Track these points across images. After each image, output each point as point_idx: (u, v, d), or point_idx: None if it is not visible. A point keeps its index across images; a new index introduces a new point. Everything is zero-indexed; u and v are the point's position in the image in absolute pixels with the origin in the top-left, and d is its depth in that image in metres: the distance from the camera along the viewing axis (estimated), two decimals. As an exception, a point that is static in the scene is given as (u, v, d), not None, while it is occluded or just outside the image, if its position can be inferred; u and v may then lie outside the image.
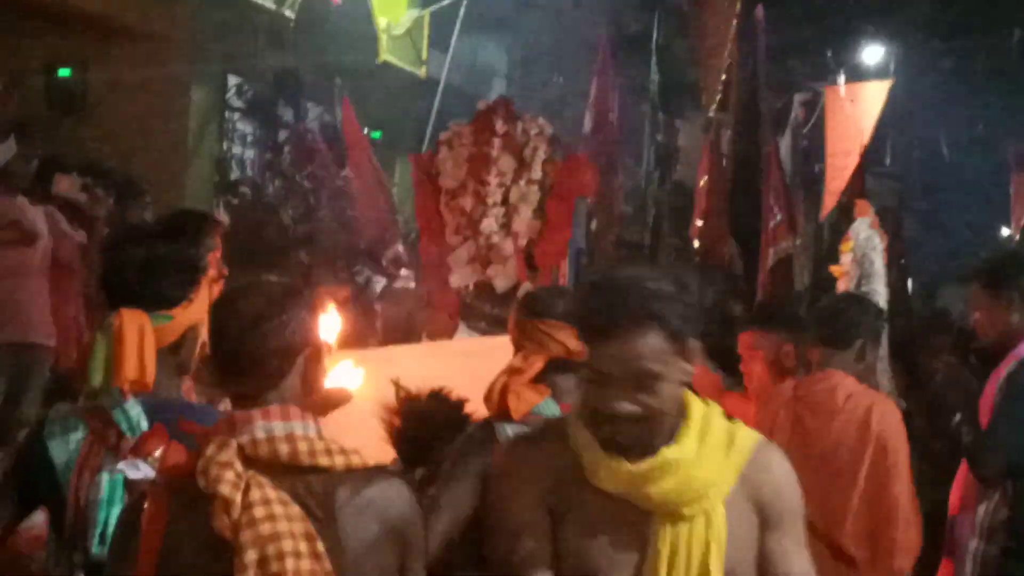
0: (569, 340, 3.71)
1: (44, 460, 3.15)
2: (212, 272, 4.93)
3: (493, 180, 6.93)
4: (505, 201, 6.94)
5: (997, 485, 4.61)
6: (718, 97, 11.71)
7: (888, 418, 4.71)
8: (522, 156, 6.96)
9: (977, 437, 4.61)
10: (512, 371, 3.75)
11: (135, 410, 3.16)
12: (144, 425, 3.12)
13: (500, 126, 6.96)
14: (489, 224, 6.90)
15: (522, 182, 6.94)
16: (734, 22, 11.36)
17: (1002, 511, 4.58)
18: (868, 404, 4.75)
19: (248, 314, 2.70)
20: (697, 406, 2.94)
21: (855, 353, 4.92)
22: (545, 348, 3.76)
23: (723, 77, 11.55)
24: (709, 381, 5.59)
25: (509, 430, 3.65)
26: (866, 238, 7.39)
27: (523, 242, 6.88)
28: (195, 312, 3.60)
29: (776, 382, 5.20)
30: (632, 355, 2.81)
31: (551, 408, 3.75)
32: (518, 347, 3.84)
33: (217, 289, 4.73)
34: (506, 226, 6.90)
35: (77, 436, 3.17)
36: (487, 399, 3.72)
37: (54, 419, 3.21)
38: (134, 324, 3.50)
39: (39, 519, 3.34)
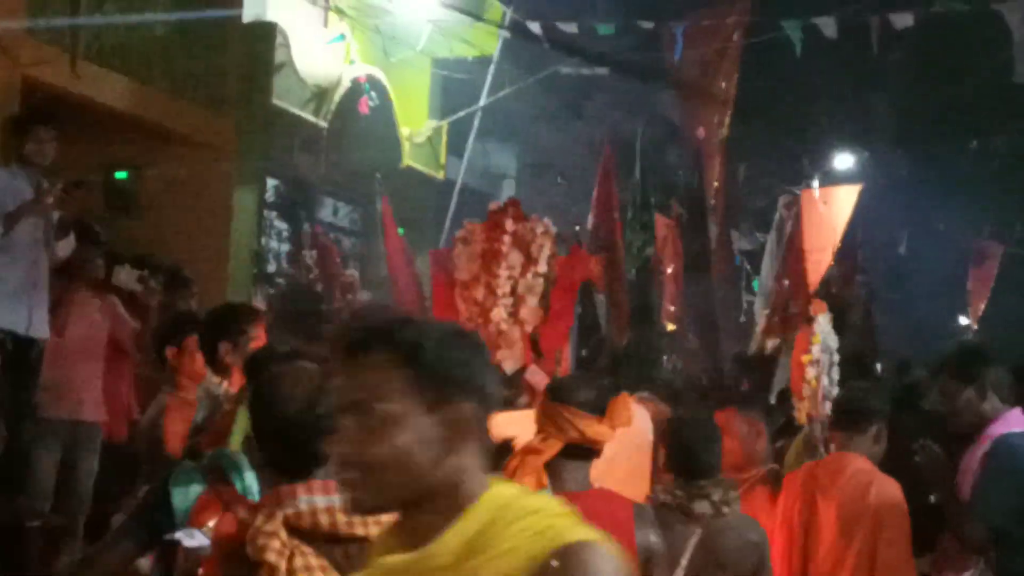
0: (588, 427, 3.73)
1: (166, 505, 3.17)
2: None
3: (503, 273, 7.00)
4: (513, 292, 7.01)
5: (984, 551, 4.65)
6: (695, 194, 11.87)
7: (886, 493, 4.77)
8: (529, 252, 7.04)
9: (961, 510, 4.66)
10: (530, 450, 3.76)
11: (249, 474, 3.19)
12: (255, 488, 3.11)
13: (510, 225, 7.05)
14: (499, 313, 6.96)
15: (529, 275, 7.01)
16: (718, 128, 11.52)
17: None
18: (868, 481, 4.81)
19: (299, 397, 2.76)
20: (494, 495, 2.02)
21: (871, 437, 5.00)
22: (563, 432, 3.78)
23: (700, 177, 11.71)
24: None
25: None
26: (827, 332, 7.50)
27: (529, 329, 6.94)
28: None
29: (747, 462, 5.23)
30: (353, 382, 2.05)
31: None
32: (540, 429, 3.86)
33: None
34: (514, 315, 6.96)
35: (197, 489, 3.17)
36: (503, 472, 3.73)
37: (179, 472, 3.23)
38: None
39: (144, 562, 3.37)
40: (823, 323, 8.31)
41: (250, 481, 3.12)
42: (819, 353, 7.99)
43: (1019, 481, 4.62)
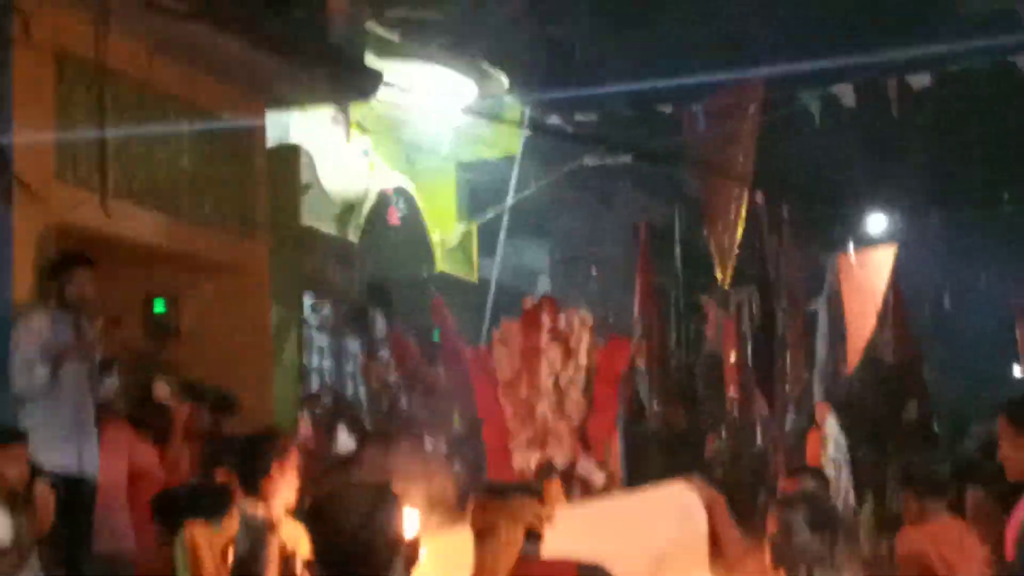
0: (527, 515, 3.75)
1: None
2: (292, 482, 5.05)
3: (544, 369, 7.03)
4: (556, 386, 7.02)
5: None
6: (730, 273, 11.83)
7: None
8: (568, 345, 7.07)
9: (1005, 568, 4.52)
10: (503, 545, 3.72)
11: None
12: None
13: (547, 321, 7.09)
14: (543, 409, 6.98)
15: (570, 368, 7.04)
16: (742, 205, 11.55)
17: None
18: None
19: (357, 514, 2.77)
20: None
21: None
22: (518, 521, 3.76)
23: (735, 254, 11.69)
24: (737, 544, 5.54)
25: None
26: (836, 432, 7.64)
27: (576, 422, 6.94)
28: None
29: None
30: None
31: None
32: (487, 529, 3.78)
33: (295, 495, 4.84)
34: (558, 409, 6.97)
35: None
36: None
37: None
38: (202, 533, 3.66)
39: None
40: (831, 424, 8.46)
41: None
42: (834, 453, 8.12)
43: None
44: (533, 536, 3.85)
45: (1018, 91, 11.92)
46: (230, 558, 4.52)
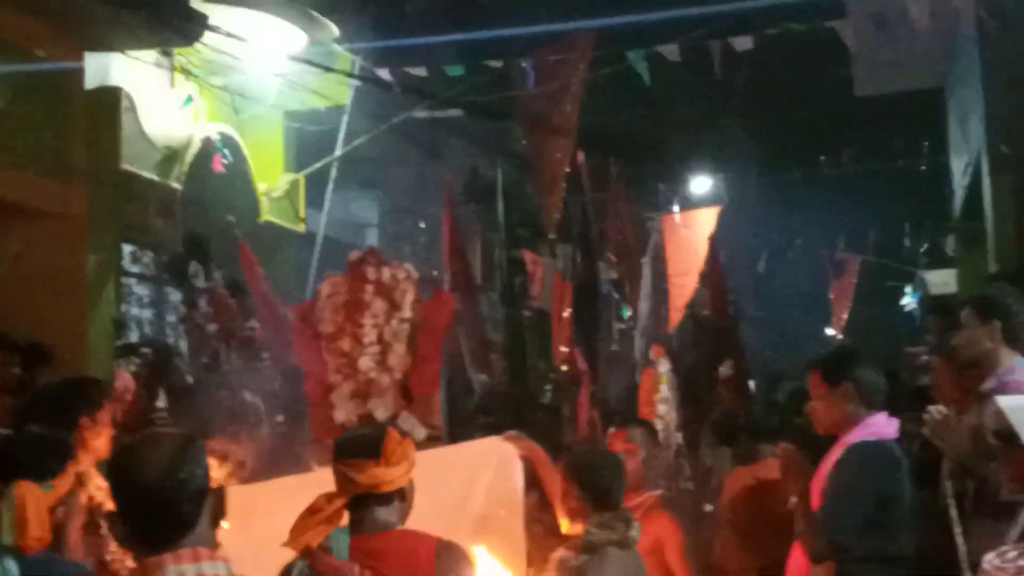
0: (362, 475, 3.69)
1: None
2: (105, 432, 4.95)
3: (368, 322, 7.01)
4: (380, 340, 7.01)
5: (821, 562, 4.69)
6: (554, 229, 11.95)
7: None
8: (393, 299, 7.06)
9: (808, 519, 4.67)
10: (314, 510, 3.68)
11: (11, 565, 3.15)
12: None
13: (371, 273, 7.06)
14: (366, 362, 6.96)
15: (394, 322, 7.03)
16: (566, 161, 11.65)
17: (828, 586, 4.65)
18: None
19: (161, 465, 2.70)
20: None
21: None
22: (344, 488, 3.76)
23: (559, 211, 11.80)
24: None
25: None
26: (669, 373, 7.83)
27: (398, 375, 6.94)
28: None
29: (632, 487, 5.32)
30: None
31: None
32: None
33: (108, 447, 4.74)
34: (382, 363, 6.96)
35: None
36: (292, 538, 3.63)
37: None
38: (31, 494, 3.57)
39: None
40: (664, 365, 8.71)
41: (12, 570, 3.11)
42: (667, 392, 8.33)
43: (862, 494, 4.66)
44: (384, 501, 3.79)
45: (835, 55, 12.26)
46: (58, 516, 4.42)
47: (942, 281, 19.02)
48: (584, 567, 4.64)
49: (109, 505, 2.84)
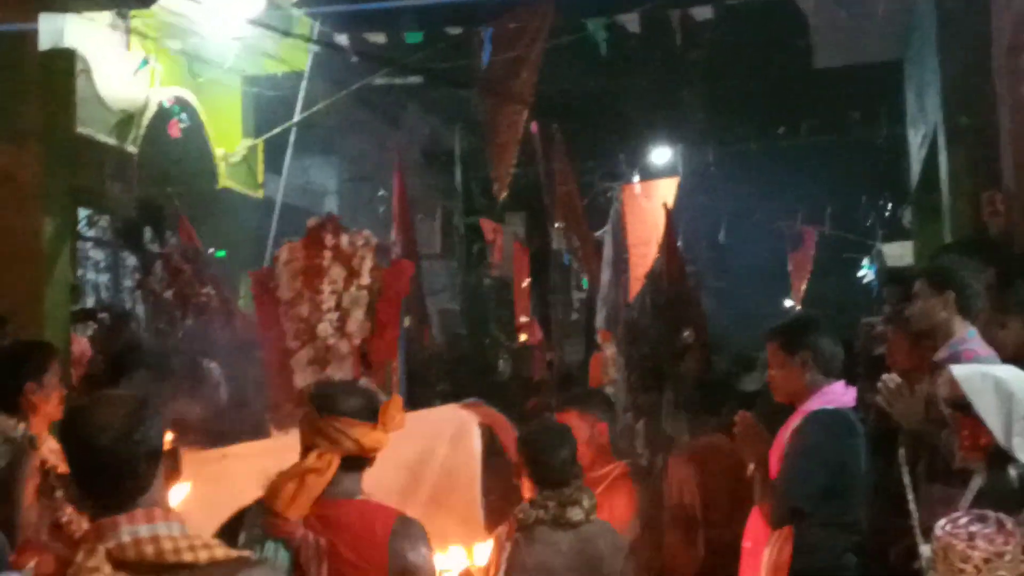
0: (364, 436, 3.65)
1: None
2: (55, 395, 4.92)
3: (326, 288, 7.00)
4: (338, 306, 7.00)
5: (780, 527, 4.74)
6: (506, 196, 11.94)
7: None
8: (351, 265, 7.04)
9: (766, 486, 4.73)
10: (309, 470, 3.63)
11: None
12: None
13: (329, 240, 7.05)
14: (325, 328, 6.95)
15: (353, 288, 7.02)
16: (520, 129, 11.63)
17: (785, 551, 4.70)
18: None
19: (114, 426, 2.68)
20: None
21: None
22: (339, 445, 3.65)
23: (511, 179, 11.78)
24: None
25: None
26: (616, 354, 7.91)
27: (357, 342, 6.93)
28: None
29: (596, 459, 5.31)
30: None
31: None
32: (311, 445, 3.67)
33: (59, 411, 4.70)
34: (340, 329, 6.95)
35: None
36: (273, 497, 3.59)
37: None
38: None
39: None
40: (611, 348, 8.78)
41: None
42: (616, 373, 8.39)
43: (820, 461, 4.72)
44: (355, 466, 3.72)
45: (795, 26, 12.30)
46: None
47: (899, 253, 19.20)
48: (513, 544, 4.61)
49: (63, 468, 2.83)
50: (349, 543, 3.62)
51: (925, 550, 3.77)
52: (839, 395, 4.87)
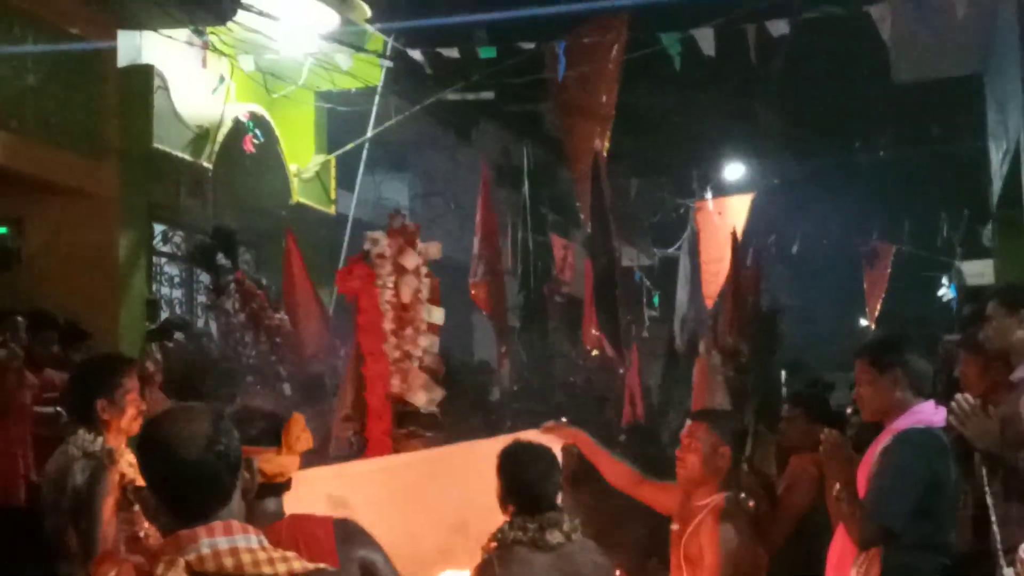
0: (267, 464, 3.49)
1: None
2: (131, 410, 4.94)
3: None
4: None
5: (868, 548, 4.64)
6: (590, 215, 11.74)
7: None
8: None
9: (854, 506, 4.64)
10: None
11: None
12: None
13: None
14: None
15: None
16: (603, 146, 11.54)
17: (872, 572, 4.61)
18: None
19: (198, 437, 2.68)
20: None
21: None
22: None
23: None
24: (620, 471, 5.60)
25: None
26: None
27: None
28: None
29: (708, 477, 5.18)
30: None
31: None
32: None
33: (137, 425, 4.71)
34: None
35: None
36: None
37: None
38: None
39: None
40: (716, 357, 8.65)
41: None
42: (720, 382, 8.28)
43: (910, 481, 4.63)
44: (272, 492, 3.55)
45: (872, 41, 12.16)
46: None
47: (979, 271, 18.90)
48: (485, 563, 4.54)
49: (141, 481, 2.82)
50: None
51: (1008, 573, 3.68)
52: (929, 415, 4.77)
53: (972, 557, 4.79)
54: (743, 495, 5.17)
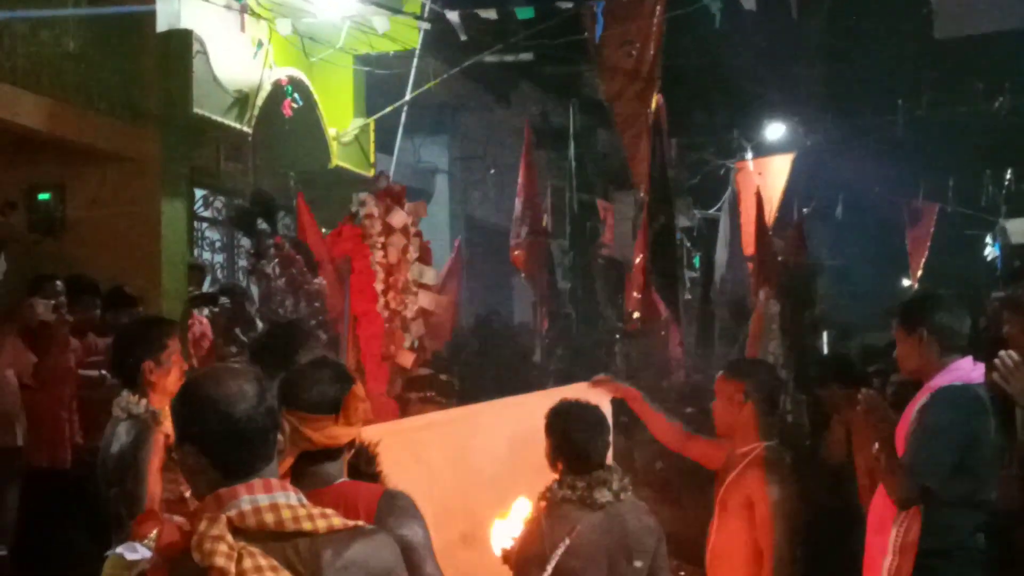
0: (317, 432, 3.47)
1: None
2: (175, 371, 4.98)
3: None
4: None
5: (907, 507, 4.63)
6: (644, 176, 11.66)
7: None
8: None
9: (893, 465, 4.62)
10: None
11: None
12: None
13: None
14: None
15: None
16: (650, 111, 11.47)
17: (913, 530, 4.59)
18: None
19: (248, 395, 2.71)
20: None
21: None
22: (293, 443, 3.45)
23: (646, 158, 11.52)
24: (668, 427, 5.64)
25: None
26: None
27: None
28: None
29: (740, 427, 5.24)
30: None
31: None
32: None
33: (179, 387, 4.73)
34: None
35: None
36: None
37: None
38: None
39: None
40: (773, 304, 8.56)
41: None
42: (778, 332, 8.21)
43: (948, 439, 4.60)
44: (329, 457, 3.52)
45: (917, -2, 12.04)
46: None
47: (1023, 229, 18.70)
48: (538, 520, 4.55)
49: (184, 441, 2.82)
50: None
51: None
52: (967, 371, 4.74)
53: (1016, 515, 4.76)
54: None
